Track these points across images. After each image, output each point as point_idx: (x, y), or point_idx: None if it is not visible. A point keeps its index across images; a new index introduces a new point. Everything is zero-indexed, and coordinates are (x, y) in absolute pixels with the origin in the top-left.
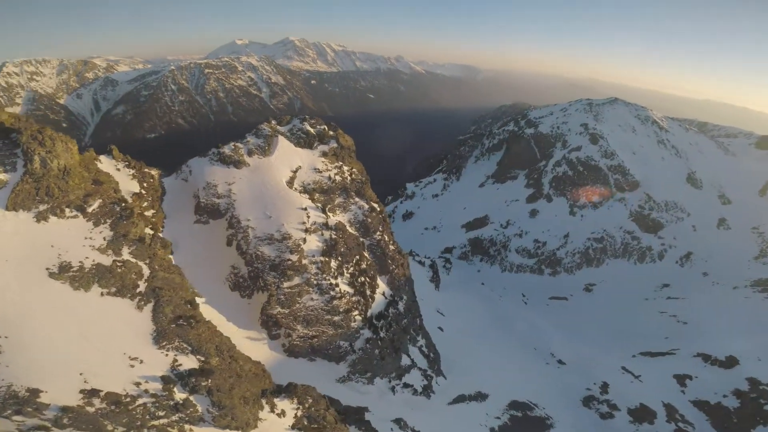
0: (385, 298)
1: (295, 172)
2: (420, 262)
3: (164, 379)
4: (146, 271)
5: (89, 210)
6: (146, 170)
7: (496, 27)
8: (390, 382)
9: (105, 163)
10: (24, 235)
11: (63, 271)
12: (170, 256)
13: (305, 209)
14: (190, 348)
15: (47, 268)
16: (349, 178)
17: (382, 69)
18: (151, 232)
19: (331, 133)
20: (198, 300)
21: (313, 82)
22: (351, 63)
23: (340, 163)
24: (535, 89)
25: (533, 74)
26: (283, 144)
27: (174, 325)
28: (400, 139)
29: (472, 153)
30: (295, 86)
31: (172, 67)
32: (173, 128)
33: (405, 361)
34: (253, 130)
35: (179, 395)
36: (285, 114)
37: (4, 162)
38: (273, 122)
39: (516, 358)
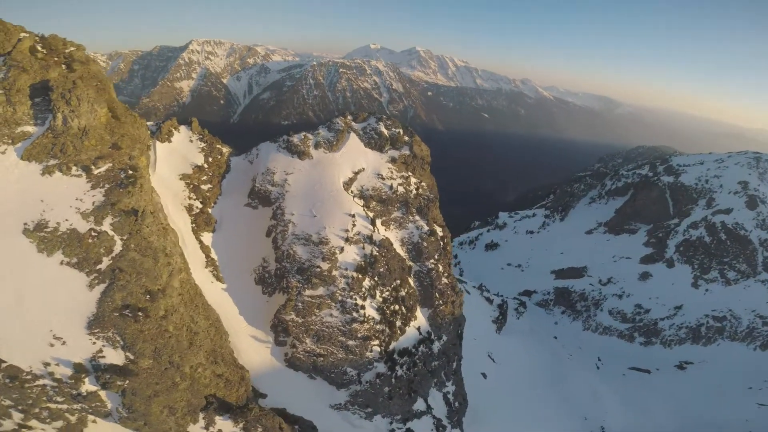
0: (419, 334)
1: (356, 173)
2: (488, 299)
3: (77, 367)
4: (118, 248)
5: (95, 172)
6: (218, 146)
7: (648, 59)
8: (391, 423)
9: (182, 134)
10: (23, 185)
11: (37, 230)
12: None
13: (353, 216)
14: (122, 342)
15: (25, 224)
16: (414, 191)
17: (503, 90)
18: (197, 204)
19: (405, 138)
20: (218, 284)
21: (429, 93)
22: (471, 79)
23: (409, 173)
24: (686, 133)
25: (685, 116)
26: (353, 142)
27: (117, 314)
28: (507, 164)
29: (587, 193)
30: (412, 95)
31: (314, 63)
32: (303, 119)
33: (419, 405)
34: (327, 123)
35: (88, 387)
36: (398, 120)
37: (38, 116)
38: (348, 117)
39: (555, 425)
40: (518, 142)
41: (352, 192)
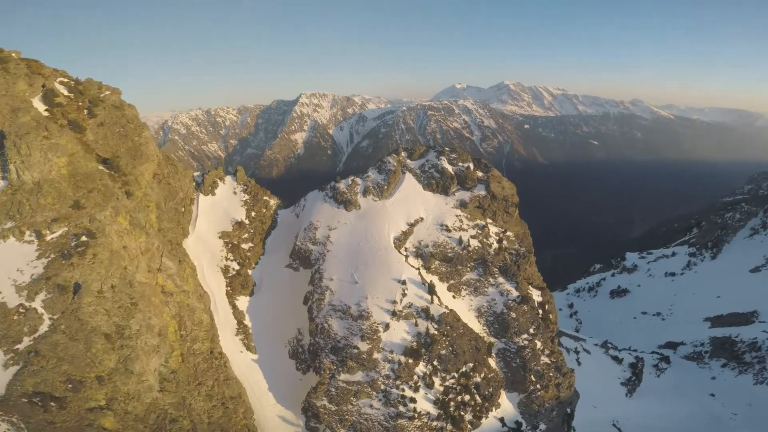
0: (503, 425)
1: (412, 225)
2: (615, 358)
3: None
4: (43, 328)
5: (47, 238)
6: (265, 198)
7: None
8: None
9: (227, 185)
10: None
11: None
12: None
13: (403, 283)
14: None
15: None
16: (495, 245)
17: (611, 113)
18: (234, 266)
19: (479, 174)
20: (248, 354)
21: (526, 126)
22: (571, 107)
23: (487, 221)
24: None
25: None
26: (409, 184)
27: (25, 401)
28: (626, 195)
29: (745, 223)
30: (507, 130)
31: (404, 108)
32: None
33: None
34: (377, 163)
35: None
36: (492, 158)
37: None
38: (402, 154)
39: None
40: (637, 169)
41: (405, 250)
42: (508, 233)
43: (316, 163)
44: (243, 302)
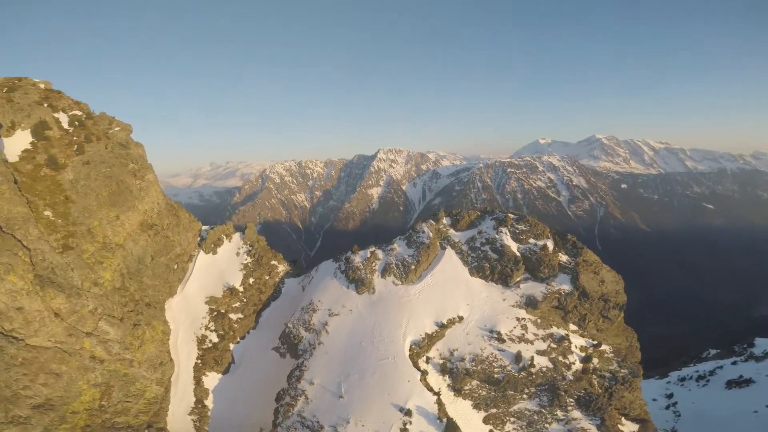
0: None
1: (443, 326)
2: None
3: None
4: None
5: None
6: (273, 262)
7: None
8: None
9: (233, 243)
10: None
11: None
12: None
13: (408, 413)
14: None
15: None
16: (577, 367)
17: (728, 169)
18: (212, 337)
19: (562, 258)
20: None
21: (623, 186)
22: (677, 162)
23: (569, 329)
24: None
25: None
26: (448, 265)
27: None
28: (749, 267)
29: None
30: (600, 190)
31: (480, 165)
32: None
33: None
34: (408, 231)
35: None
36: (583, 223)
37: None
38: (444, 221)
39: None
40: (763, 237)
41: (427, 361)
42: (603, 347)
43: (388, 218)
44: (212, 379)
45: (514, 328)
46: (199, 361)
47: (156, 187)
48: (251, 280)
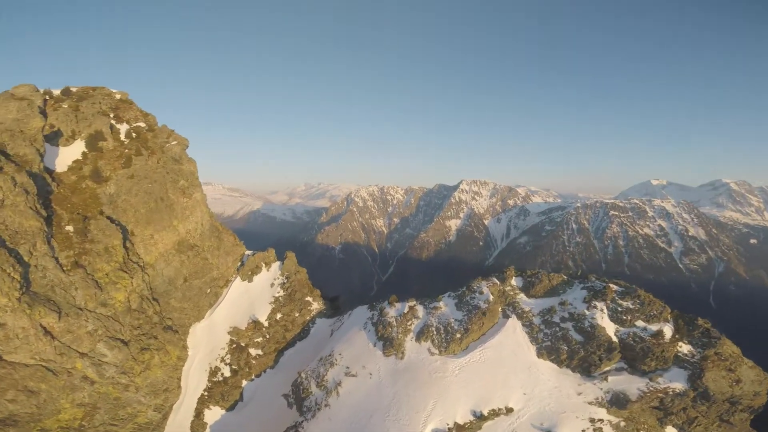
0: None
1: (482, 418)
2: None
3: None
4: None
5: None
6: (307, 299)
7: None
8: None
9: (270, 273)
10: None
11: None
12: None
13: None
14: None
15: None
16: None
17: None
18: (225, 371)
19: (682, 350)
20: None
21: (752, 241)
22: None
23: None
24: None
25: None
26: (508, 339)
27: None
28: None
29: None
30: (723, 244)
31: (578, 205)
32: (560, 269)
33: None
34: (461, 289)
35: None
36: (696, 279)
37: None
38: (513, 282)
39: None
40: None
41: None
42: None
43: (465, 252)
44: (213, 414)
45: (584, 431)
46: (206, 393)
47: (202, 207)
48: (278, 316)
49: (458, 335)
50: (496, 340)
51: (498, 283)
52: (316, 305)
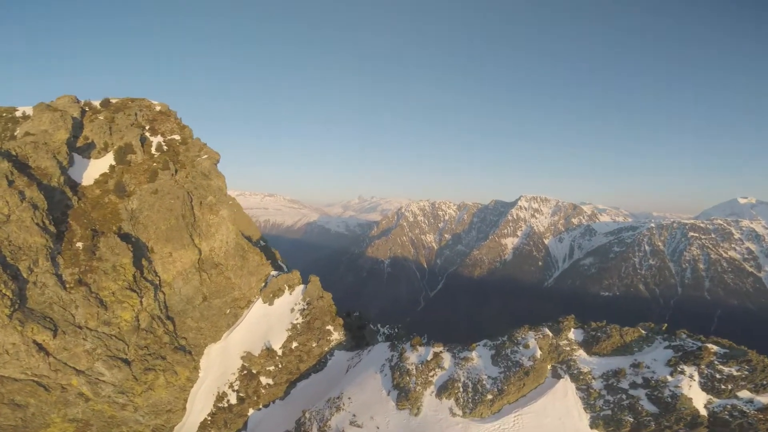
0: None
1: None
2: None
3: None
4: None
5: None
6: (328, 327)
7: None
8: None
9: (293, 296)
10: None
11: None
12: None
13: None
14: None
15: None
16: None
17: None
18: (232, 398)
19: None
20: None
21: None
22: None
23: None
24: None
25: None
26: (556, 404)
27: None
28: None
29: None
30: None
31: (652, 225)
32: (630, 292)
33: None
34: (500, 338)
35: None
36: None
37: None
38: (570, 335)
39: None
40: None
41: None
42: None
43: (522, 272)
44: None
45: None
46: (209, 419)
47: (228, 224)
48: (294, 344)
49: (489, 396)
50: (538, 405)
51: (550, 335)
52: (337, 335)
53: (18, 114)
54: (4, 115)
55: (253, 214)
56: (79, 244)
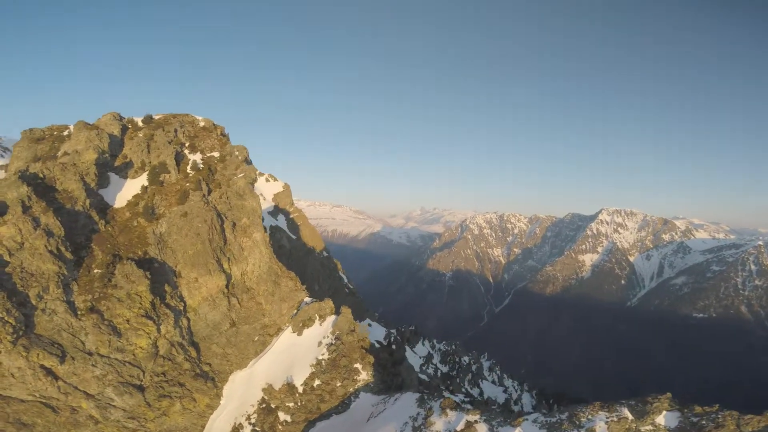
0: None
1: None
2: None
3: None
4: None
5: None
6: (356, 365)
7: None
8: None
9: (323, 327)
10: None
11: None
12: None
13: None
14: None
15: None
16: None
17: None
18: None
19: None
20: None
21: None
22: None
23: None
24: None
25: None
26: None
27: None
28: None
29: None
30: None
31: (760, 243)
32: (729, 315)
33: None
34: (564, 414)
35: None
36: None
37: None
38: (661, 419)
39: None
40: None
41: None
42: None
43: (601, 291)
44: None
45: None
46: None
47: (262, 248)
48: (317, 382)
49: None
50: None
51: (630, 417)
52: (364, 375)
53: (65, 133)
54: (55, 133)
55: (321, 224)
56: (97, 271)
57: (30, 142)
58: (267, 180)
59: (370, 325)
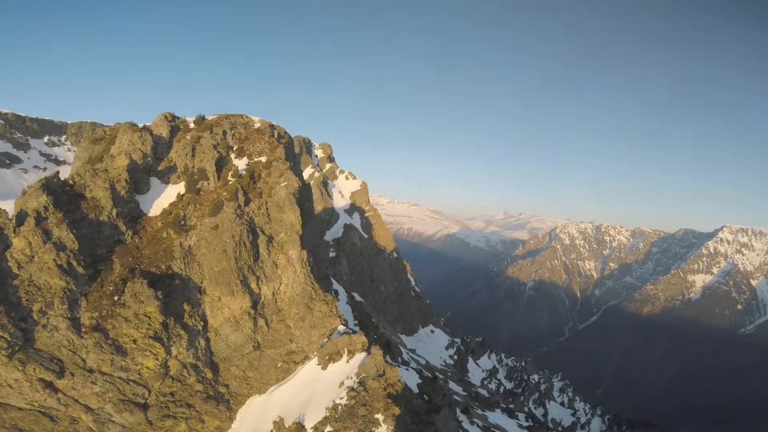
0: None
1: None
2: None
3: None
4: None
5: None
6: (377, 416)
7: None
8: None
9: (351, 363)
10: None
11: None
12: None
13: None
14: None
15: None
16: None
17: None
18: None
19: None
20: None
21: None
22: None
23: None
24: None
25: None
26: None
27: None
28: None
29: None
30: None
31: None
32: None
33: None
34: None
35: None
36: None
37: None
38: None
39: None
40: None
41: None
42: None
43: (710, 315)
44: None
45: None
46: None
47: (297, 267)
48: (327, 429)
49: None
50: None
51: None
52: (385, 428)
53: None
54: (108, 136)
55: (397, 221)
56: (110, 288)
57: (90, 142)
58: (347, 178)
59: (407, 365)
